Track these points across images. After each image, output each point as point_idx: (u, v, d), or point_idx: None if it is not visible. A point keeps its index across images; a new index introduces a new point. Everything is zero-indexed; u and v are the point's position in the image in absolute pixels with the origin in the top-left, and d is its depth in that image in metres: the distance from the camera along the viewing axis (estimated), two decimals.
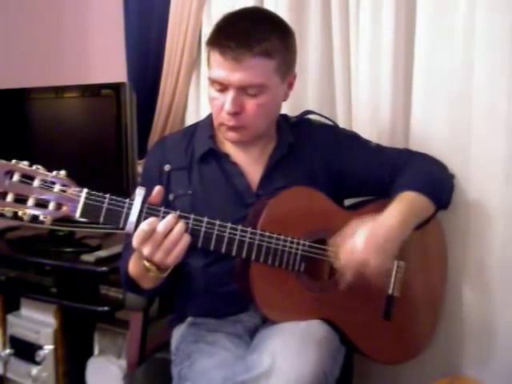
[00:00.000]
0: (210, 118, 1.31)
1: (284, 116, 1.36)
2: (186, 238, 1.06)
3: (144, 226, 1.03)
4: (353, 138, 1.37)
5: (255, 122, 1.20)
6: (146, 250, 1.04)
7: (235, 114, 1.17)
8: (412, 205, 1.20)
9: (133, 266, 1.18)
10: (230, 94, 1.16)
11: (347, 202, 1.41)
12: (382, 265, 1.13)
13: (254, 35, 1.14)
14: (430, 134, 1.41)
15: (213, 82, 1.19)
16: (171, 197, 1.25)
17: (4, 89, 1.92)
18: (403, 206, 1.19)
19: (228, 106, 1.16)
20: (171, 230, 1.05)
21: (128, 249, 1.23)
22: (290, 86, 1.27)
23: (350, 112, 1.58)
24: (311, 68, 1.64)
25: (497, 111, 1.29)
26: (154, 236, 1.03)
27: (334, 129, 1.39)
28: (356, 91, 1.54)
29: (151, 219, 1.04)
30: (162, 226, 1.04)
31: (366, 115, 1.52)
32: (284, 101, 1.28)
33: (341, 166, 1.32)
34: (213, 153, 1.28)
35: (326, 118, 1.41)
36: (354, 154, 1.33)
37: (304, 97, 1.65)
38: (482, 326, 1.37)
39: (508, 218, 1.31)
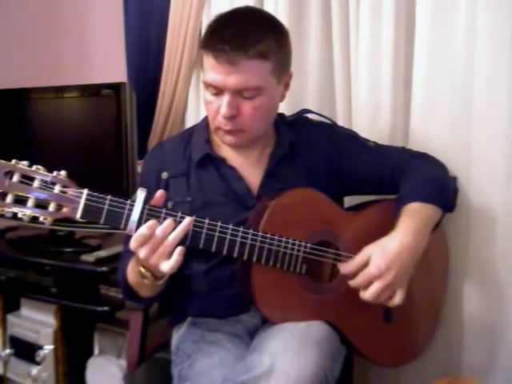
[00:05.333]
0: (205, 120, 1.30)
1: (281, 115, 1.35)
2: (179, 255, 1.04)
3: (144, 229, 1.03)
4: (352, 137, 1.36)
5: (252, 124, 1.19)
6: (142, 253, 1.04)
7: (232, 117, 1.16)
8: (420, 217, 1.18)
9: (131, 274, 1.18)
10: (225, 98, 1.15)
11: (348, 202, 1.41)
12: (403, 283, 1.14)
13: (248, 37, 1.12)
14: (430, 133, 1.40)
15: (208, 85, 1.17)
16: (170, 204, 1.23)
17: (4, 89, 1.92)
18: (413, 221, 1.17)
19: (224, 110, 1.15)
20: (169, 234, 1.04)
21: (126, 257, 1.23)
22: (286, 86, 1.25)
23: (349, 112, 1.58)
24: (311, 68, 1.64)
25: (497, 111, 1.29)
26: (152, 240, 1.03)
27: (332, 127, 1.38)
28: (356, 91, 1.54)
29: (151, 222, 1.03)
30: (160, 230, 1.03)
31: (366, 115, 1.52)
32: (281, 101, 1.26)
33: (341, 165, 1.31)
34: (209, 157, 1.27)
35: (323, 116, 1.40)
36: (354, 153, 1.32)
37: (304, 96, 1.65)
38: (483, 327, 1.37)
39: (509, 219, 1.31)
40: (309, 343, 1.06)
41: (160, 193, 1.08)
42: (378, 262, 1.11)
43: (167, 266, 1.04)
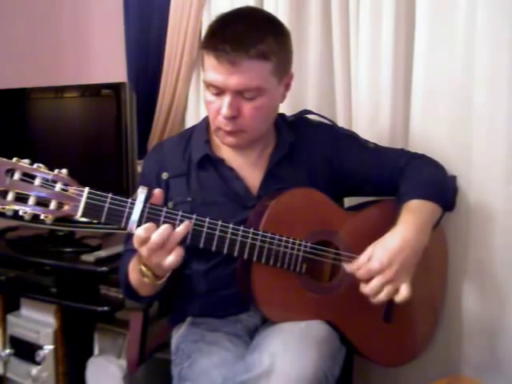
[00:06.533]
0: (205, 121, 1.30)
1: (281, 115, 1.35)
2: (179, 251, 1.04)
3: (140, 231, 1.02)
4: (352, 138, 1.36)
5: (253, 125, 1.19)
6: (143, 252, 1.04)
7: (232, 118, 1.16)
8: (421, 213, 1.19)
9: (132, 272, 1.18)
10: (226, 98, 1.14)
11: (348, 202, 1.41)
12: (405, 280, 1.13)
13: (249, 37, 1.12)
14: (430, 134, 1.41)
15: (208, 85, 1.17)
16: (170, 204, 1.23)
17: (4, 89, 1.92)
18: (414, 217, 1.17)
19: (225, 111, 1.15)
20: (168, 238, 1.03)
21: (127, 255, 1.24)
22: (287, 87, 1.25)
23: (350, 112, 1.58)
24: (311, 68, 1.64)
25: (497, 111, 1.29)
26: (149, 243, 1.02)
27: (332, 128, 1.38)
28: (356, 91, 1.54)
29: (148, 225, 1.03)
30: (156, 236, 1.02)
31: (366, 115, 1.52)
32: (281, 102, 1.26)
33: (340, 166, 1.31)
34: (209, 158, 1.27)
35: (324, 117, 1.40)
36: (354, 154, 1.32)
37: (304, 97, 1.65)
38: (482, 327, 1.37)
39: (509, 218, 1.31)
40: (309, 343, 1.06)
41: (158, 191, 1.08)
42: (381, 257, 1.11)
43: (167, 261, 1.04)
